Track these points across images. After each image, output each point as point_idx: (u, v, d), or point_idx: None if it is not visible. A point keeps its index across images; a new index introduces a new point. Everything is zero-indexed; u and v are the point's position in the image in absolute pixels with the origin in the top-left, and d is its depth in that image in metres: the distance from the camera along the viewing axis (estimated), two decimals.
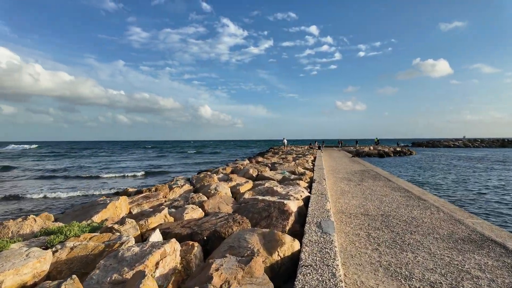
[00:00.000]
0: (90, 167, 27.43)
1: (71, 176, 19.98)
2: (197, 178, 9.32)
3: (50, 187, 15.73)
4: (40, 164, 30.92)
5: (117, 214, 5.20)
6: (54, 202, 11.84)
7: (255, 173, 10.70)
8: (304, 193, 6.66)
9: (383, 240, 4.66)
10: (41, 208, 10.36)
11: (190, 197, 6.02)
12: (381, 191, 8.70)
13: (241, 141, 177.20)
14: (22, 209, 10.30)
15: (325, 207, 5.54)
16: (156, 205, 6.00)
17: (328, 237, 3.78)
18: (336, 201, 7.41)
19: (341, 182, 10.30)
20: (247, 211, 4.75)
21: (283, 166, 12.70)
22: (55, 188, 15.35)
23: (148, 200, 6.04)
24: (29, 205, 11.00)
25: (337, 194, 8.19)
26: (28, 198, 12.59)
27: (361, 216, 6.07)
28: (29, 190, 14.72)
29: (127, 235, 3.58)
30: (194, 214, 4.80)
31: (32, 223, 4.04)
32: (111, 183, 16.70)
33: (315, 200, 6.08)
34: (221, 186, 7.06)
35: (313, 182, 8.57)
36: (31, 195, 12.86)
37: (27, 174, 21.97)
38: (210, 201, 5.41)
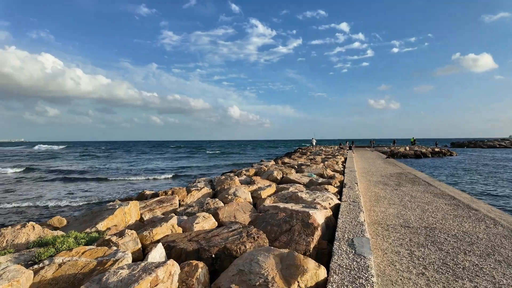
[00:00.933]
0: (117, 167, 27.89)
1: (94, 178, 20.17)
2: (218, 180, 8.83)
3: (71, 188, 15.85)
4: (66, 165, 31.66)
5: (125, 221, 4.79)
6: (71, 204, 11.80)
7: (279, 175, 10.02)
8: (333, 200, 5.89)
9: (430, 261, 3.82)
10: (58, 210, 10.37)
11: (205, 202, 5.51)
12: (422, 198, 7.68)
13: (268, 141, 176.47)
14: (38, 211, 10.33)
15: (358, 218, 4.76)
16: (169, 210, 5.56)
17: (362, 261, 3.04)
18: (370, 209, 6.56)
19: (375, 186, 9.34)
20: (266, 222, 4.11)
21: (311, 168, 11.90)
22: (75, 189, 15.50)
23: (161, 205, 5.61)
24: (46, 207, 11.07)
25: (371, 201, 7.31)
26: (47, 199, 12.72)
27: (400, 229, 5.21)
28: (49, 191, 14.94)
29: (124, 251, 3.09)
30: (205, 224, 4.24)
31: (29, 231, 3.70)
32: (134, 184, 16.71)
33: (346, 209, 5.31)
34: (240, 190, 6.48)
35: (344, 187, 7.74)
36: (50, 197, 13.00)
37: (50, 175, 22.38)
38: (226, 209, 4.84)
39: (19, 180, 18.94)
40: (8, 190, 15.11)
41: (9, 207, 10.90)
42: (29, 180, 19.30)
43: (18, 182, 18.09)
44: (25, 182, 18.37)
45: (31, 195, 14.03)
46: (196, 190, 7.29)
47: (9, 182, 17.91)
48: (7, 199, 12.66)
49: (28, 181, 19.00)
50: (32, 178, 20.50)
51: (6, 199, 12.46)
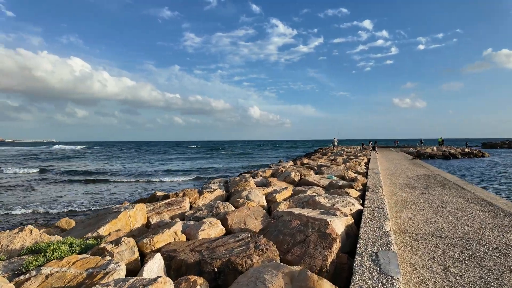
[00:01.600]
0: (135, 168, 27.73)
1: (109, 179, 19.97)
2: (233, 182, 8.49)
3: (84, 189, 15.63)
4: (82, 165, 31.39)
5: (130, 225, 4.53)
6: (82, 205, 11.68)
7: (297, 177, 9.54)
8: (355, 205, 5.37)
9: (469, 281, 3.26)
10: (68, 212, 10.30)
11: (215, 206, 5.17)
12: (455, 203, 6.97)
13: (288, 141, 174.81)
14: (48, 212, 10.32)
15: (384, 227, 4.24)
16: (178, 214, 5.26)
17: (389, 283, 2.56)
18: (396, 215, 5.97)
19: (401, 189, 8.66)
20: (278, 231, 3.69)
21: (331, 170, 11.32)
22: (88, 190, 15.29)
23: (169, 208, 5.32)
24: (55, 208, 11.04)
25: (397, 206, 6.71)
26: (58, 201, 12.68)
27: (431, 239, 4.62)
28: (61, 192, 14.89)
29: (117, 262, 2.79)
30: (212, 231, 3.89)
31: (26, 236, 3.50)
32: (150, 185, 16.58)
33: (369, 217, 4.78)
34: (253, 193, 6.09)
35: (367, 191, 7.16)
36: (61, 198, 13.01)
37: (64, 176, 22.20)
38: (236, 214, 4.47)
39: (34, 181, 19.19)
40: (22, 190, 15.38)
41: (22, 208, 11.00)
42: (43, 181, 19.37)
43: (33, 182, 18.36)
44: (40, 183, 18.49)
45: (44, 195, 14.05)
46: (208, 192, 6.98)
47: (24, 182, 18.19)
48: (20, 200, 12.81)
49: (43, 182, 19.10)
50: (46, 179, 20.62)
51: (19, 201, 12.63)
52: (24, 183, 17.75)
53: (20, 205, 11.57)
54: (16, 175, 22.43)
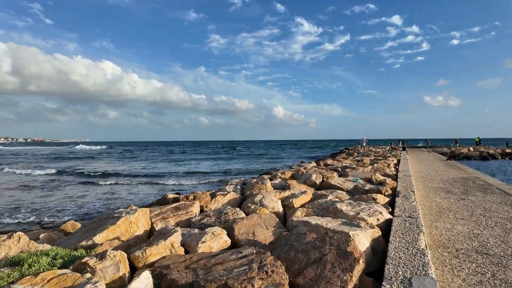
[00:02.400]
0: (154, 168, 27.32)
1: (123, 180, 19.19)
2: (249, 184, 8.01)
3: (97, 190, 15.18)
4: (102, 166, 30.64)
5: (131, 231, 4.17)
6: (90, 207, 11.32)
7: (318, 179, 8.88)
8: (383, 214, 4.70)
9: None
10: (75, 214, 10.00)
11: (224, 212, 4.71)
12: (501, 212, 6.06)
13: (313, 141, 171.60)
14: (56, 214, 10.07)
15: (418, 243, 3.56)
16: (184, 220, 4.85)
17: None
18: (431, 225, 5.22)
19: (436, 194, 7.77)
20: (289, 245, 3.15)
21: (356, 172, 10.53)
22: (101, 192, 14.85)
23: (176, 213, 4.93)
24: (66, 210, 10.73)
25: (432, 214, 5.92)
26: (70, 202, 12.41)
27: (476, 256, 3.88)
28: (73, 193, 14.54)
29: (96, 282, 2.39)
30: (214, 243, 3.42)
31: (13, 244, 3.21)
32: (165, 186, 16.15)
33: (400, 229, 4.11)
34: (268, 198, 5.56)
35: (397, 196, 6.41)
36: (75, 199, 12.68)
37: (78, 178, 21.57)
38: (244, 222, 3.98)
39: (49, 182, 18.96)
40: (36, 191, 15.25)
41: (29, 210, 10.87)
42: (57, 182, 19.22)
43: (48, 183, 18.14)
44: (54, 183, 18.33)
45: (55, 196, 13.86)
46: (221, 195, 6.54)
47: (40, 183, 18.11)
48: (30, 201, 12.58)
49: (57, 182, 18.98)
50: (60, 179, 20.37)
51: (28, 202, 12.42)
52: (39, 184, 17.73)
53: (27, 206, 11.38)
54: (33, 175, 22.46)
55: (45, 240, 4.39)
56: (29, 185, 17.08)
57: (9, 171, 26.18)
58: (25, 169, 27.24)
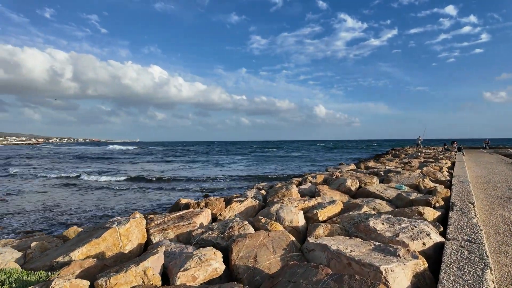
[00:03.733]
0: (183, 169, 26.17)
1: (146, 183, 17.73)
2: (272, 190, 7.21)
3: (118, 194, 14.16)
4: (132, 167, 29.43)
5: (120, 245, 3.61)
6: (110, 210, 10.56)
7: (354, 185, 7.75)
8: (431, 236, 3.60)
9: None
10: (83, 219, 9.38)
11: (229, 226, 3.96)
12: None
13: (357, 141, 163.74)
14: (62, 218, 9.36)
15: (482, 285, 2.49)
16: (185, 232, 4.20)
17: None
18: (499, 250, 3.98)
19: (502, 206, 6.26)
20: (293, 284, 2.30)
21: (401, 177, 9.14)
22: (121, 195, 13.87)
23: (177, 224, 4.30)
24: (72, 215, 9.94)
25: (498, 234, 4.61)
26: (84, 205, 11.76)
27: None
28: (90, 196, 13.66)
29: None
30: (199, 271, 2.67)
31: None
32: (186, 191, 15.13)
33: (455, 260, 3.02)
34: (286, 208, 4.69)
35: (451, 209, 5.16)
36: (88, 202, 11.90)
37: (101, 176, 20.65)
38: (246, 243, 3.19)
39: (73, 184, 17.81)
40: (49, 193, 14.72)
41: (38, 212, 10.24)
42: (77, 182, 18.61)
43: (72, 185, 17.19)
44: (72, 185, 17.41)
45: (69, 199, 13.05)
46: (237, 202, 5.81)
47: (64, 186, 17.10)
48: (40, 204, 11.90)
49: (76, 183, 18.35)
50: (79, 181, 19.34)
51: (39, 204, 11.76)
52: (56, 187, 16.88)
53: (36, 209, 10.89)
54: (56, 176, 21.53)
55: (36, 249, 4.02)
56: (45, 190, 16.39)
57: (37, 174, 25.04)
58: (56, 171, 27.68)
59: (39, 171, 25.44)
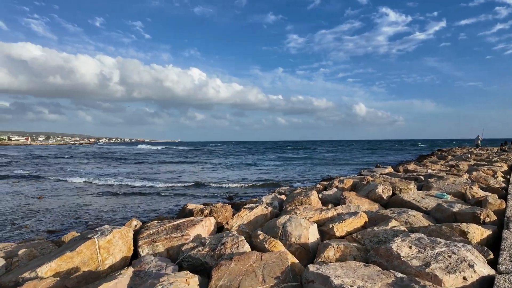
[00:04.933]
0: (211, 168, 25.09)
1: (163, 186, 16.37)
2: (290, 196, 6.53)
3: (136, 198, 12.84)
4: (162, 167, 27.98)
5: (98, 260, 3.23)
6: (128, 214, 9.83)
7: (387, 192, 6.79)
8: (475, 268, 2.75)
9: None
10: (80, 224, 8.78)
11: (220, 243, 3.40)
12: None
13: (399, 141, 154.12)
14: (63, 223, 8.69)
15: None
16: (176, 246, 3.72)
17: None
18: None
19: None
20: None
21: (444, 183, 7.91)
22: (137, 199, 12.61)
23: (169, 236, 3.84)
24: (74, 218, 9.38)
25: None
26: (93, 209, 11.05)
27: None
28: (102, 201, 12.45)
29: None
30: None
31: None
32: (212, 191, 14.24)
33: None
34: (295, 221, 4.01)
35: (505, 228, 4.13)
36: (100, 206, 11.13)
37: (126, 178, 19.37)
38: (231, 268, 2.61)
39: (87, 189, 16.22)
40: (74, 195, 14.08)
41: (47, 215, 9.80)
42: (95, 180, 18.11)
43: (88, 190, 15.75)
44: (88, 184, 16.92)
45: (82, 202, 12.23)
46: (246, 210, 5.25)
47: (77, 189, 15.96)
48: (51, 207, 11.21)
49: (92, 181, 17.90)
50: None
51: (52, 207, 11.19)
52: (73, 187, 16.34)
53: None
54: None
55: (24, 257, 3.80)
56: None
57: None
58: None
59: (76, 167, 26.95)
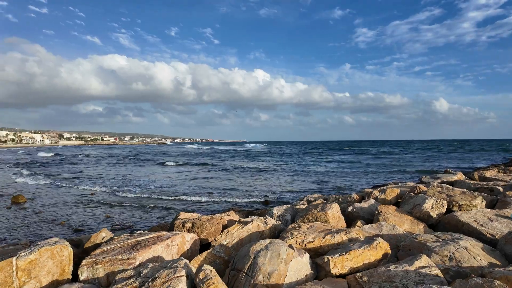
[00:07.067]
0: (253, 172, 22.10)
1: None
2: (304, 209, 5.34)
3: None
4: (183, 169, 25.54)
5: (12, 285, 2.70)
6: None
7: (438, 209, 5.10)
8: None
9: None
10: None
11: (153, 277, 2.53)
12: None
13: (491, 141, 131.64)
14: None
15: None
16: (117, 271, 3.00)
17: None
18: None
19: None
20: None
21: None
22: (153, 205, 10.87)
23: (114, 257, 3.15)
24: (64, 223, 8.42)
25: None
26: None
27: None
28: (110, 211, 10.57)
29: None
30: None
31: None
32: (244, 197, 12.57)
33: None
34: (273, 250, 2.92)
35: None
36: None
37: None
38: None
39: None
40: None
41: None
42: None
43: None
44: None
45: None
46: (239, 225, 4.31)
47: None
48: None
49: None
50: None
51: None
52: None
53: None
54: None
55: None
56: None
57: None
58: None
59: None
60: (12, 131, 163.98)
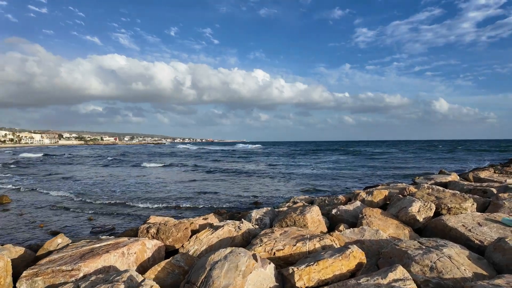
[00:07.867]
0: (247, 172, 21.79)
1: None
2: (282, 212, 5.04)
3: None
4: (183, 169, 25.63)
5: None
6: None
7: (425, 212, 4.79)
8: None
9: None
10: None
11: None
12: None
13: (491, 142, 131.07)
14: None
15: None
16: (58, 284, 2.71)
17: None
18: None
19: None
20: None
21: None
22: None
23: (57, 268, 2.85)
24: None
25: None
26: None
27: None
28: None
29: None
30: None
31: None
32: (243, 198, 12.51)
33: None
34: (232, 261, 2.63)
35: None
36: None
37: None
38: None
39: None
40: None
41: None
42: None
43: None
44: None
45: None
46: (208, 231, 4.02)
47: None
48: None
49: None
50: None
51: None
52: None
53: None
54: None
55: None
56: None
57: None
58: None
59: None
60: (12, 131, 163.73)
